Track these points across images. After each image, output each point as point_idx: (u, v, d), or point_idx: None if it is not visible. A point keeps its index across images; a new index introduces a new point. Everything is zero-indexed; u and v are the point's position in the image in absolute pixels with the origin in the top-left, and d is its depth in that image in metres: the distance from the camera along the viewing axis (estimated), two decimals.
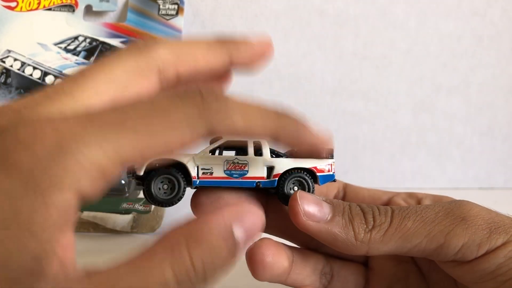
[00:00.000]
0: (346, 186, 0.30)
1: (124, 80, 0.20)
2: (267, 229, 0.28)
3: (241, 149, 0.24)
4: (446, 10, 0.49)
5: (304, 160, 0.25)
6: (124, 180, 0.43)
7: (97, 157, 0.16)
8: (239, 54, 0.23)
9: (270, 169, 0.25)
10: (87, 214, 0.40)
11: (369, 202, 0.27)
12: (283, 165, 0.25)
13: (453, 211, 0.23)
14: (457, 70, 0.51)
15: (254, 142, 0.24)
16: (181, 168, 0.23)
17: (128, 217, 0.41)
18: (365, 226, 0.23)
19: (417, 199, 0.29)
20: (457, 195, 0.30)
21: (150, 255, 0.17)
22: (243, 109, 0.19)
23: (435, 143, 0.53)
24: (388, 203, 0.29)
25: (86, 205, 0.18)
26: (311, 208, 0.23)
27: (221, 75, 0.25)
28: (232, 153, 0.25)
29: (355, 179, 0.53)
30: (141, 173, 0.23)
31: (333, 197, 0.30)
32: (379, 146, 0.53)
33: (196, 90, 0.18)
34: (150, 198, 0.23)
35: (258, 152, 0.25)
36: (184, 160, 0.23)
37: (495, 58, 0.51)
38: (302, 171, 0.25)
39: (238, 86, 0.53)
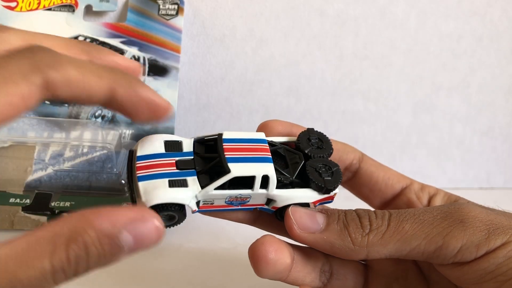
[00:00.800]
0: (361, 159, 0.30)
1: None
2: (268, 228, 0.28)
3: (247, 183, 0.23)
4: (446, 10, 0.49)
5: (306, 192, 0.25)
6: (123, 180, 0.43)
7: None
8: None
9: (271, 199, 0.24)
10: None
11: (380, 189, 0.27)
12: (284, 200, 0.24)
13: (452, 214, 0.23)
14: (457, 70, 0.51)
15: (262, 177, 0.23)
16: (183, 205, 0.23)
17: None
18: (361, 230, 0.23)
19: (429, 194, 0.29)
20: (457, 195, 0.30)
21: (34, 240, 0.18)
22: (77, 63, 0.20)
23: (435, 143, 0.53)
24: (399, 194, 0.29)
25: None
26: (303, 220, 0.23)
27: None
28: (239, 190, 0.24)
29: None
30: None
31: (346, 167, 0.30)
32: (379, 146, 0.53)
33: (27, 46, 0.19)
34: None
35: (264, 184, 0.24)
36: (186, 200, 0.23)
37: (495, 58, 0.51)
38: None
39: (238, 86, 0.53)
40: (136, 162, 0.23)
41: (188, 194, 0.23)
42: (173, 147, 0.24)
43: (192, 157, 0.24)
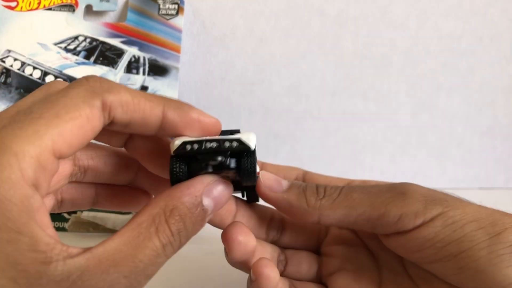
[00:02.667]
0: (305, 174, 0.33)
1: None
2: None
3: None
4: (446, 10, 0.49)
5: None
6: None
7: (31, 151, 0.18)
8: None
9: None
10: (87, 214, 0.40)
11: None
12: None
13: (395, 188, 0.26)
14: (457, 70, 0.51)
15: None
16: None
17: (128, 217, 0.41)
18: (316, 195, 0.26)
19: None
20: (457, 195, 0.30)
21: (137, 226, 0.21)
22: (129, 89, 0.22)
23: (435, 143, 0.53)
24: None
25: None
26: (270, 182, 0.27)
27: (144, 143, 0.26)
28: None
29: (355, 178, 0.53)
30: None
31: None
32: (379, 146, 0.53)
33: (81, 78, 0.22)
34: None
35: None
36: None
37: (495, 58, 0.51)
38: None
39: (238, 86, 0.53)
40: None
41: None
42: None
43: None
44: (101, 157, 0.27)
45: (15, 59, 0.43)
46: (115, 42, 0.44)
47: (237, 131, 0.25)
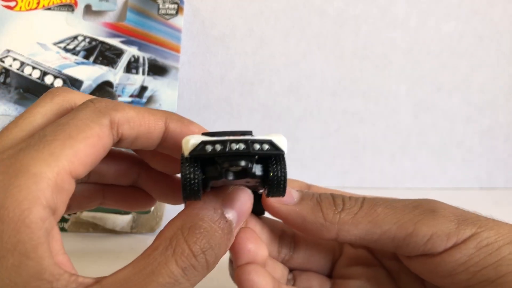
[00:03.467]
0: (309, 187, 0.30)
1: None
2: None
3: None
4: (447, 10, 0.49)
5: None
6: None
7: (48, 173, 0.18)
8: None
9: None
10: (86, 214, 0.40)
11: None
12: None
13: (422, 204, 0.23)
14: (457, 70, 0.51)
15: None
16: None
17: (127, 217, 0.41)
18: (334, 208, 0.24)
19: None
20: (458, 195, 0.30)
21: (152, 251, 0.19)
22: (133, 106, 0.22)
23: (436, 143, 0.53)
24: None
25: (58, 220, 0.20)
26: None
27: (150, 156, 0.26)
28: None
29: (355, 179, 0.53)
30: None
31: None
32: (379, 146, 0.53)
33: (86, 101, 0.22)
34: None
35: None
36: None
37: (496, 57, 0.51)
38: None
39: (238, 86, 0.53)
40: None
41: None
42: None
43: None
44: (103, 160, 0.26)
45: (15, 59, 0.43)
46: (115, 42, 0.44)
47: (250, 133, 0.21)
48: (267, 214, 0.26)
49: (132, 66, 0.44)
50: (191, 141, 0.19)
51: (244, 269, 0.23)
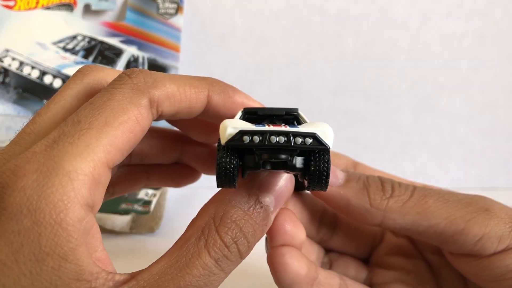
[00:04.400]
0: (356, 165, 0.29)
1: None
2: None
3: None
4: (448, 10, 0.49)
5: None
6: None
7: (84, 168, 0.17)
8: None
9: None
10: None
11: None
12: None
13: (477, 201, 0.22)
14: (458, 70, 0.51)
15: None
16: None
17: (127, 218, 0.41)
18: (382, 193, 0.22)
19: None
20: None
21: (184, 242, 0.18)
22: (174, 78, 0.20)
23: (437, 143, 0.53)
24: None
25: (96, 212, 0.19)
26: None
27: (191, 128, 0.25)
28: None
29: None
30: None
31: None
32: (380, 146, 0.52)
33: (122, 74, 0.20)
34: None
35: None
36: None
37: (496, 57, 0.51)
38: None
39: (238, 86, 0.52)
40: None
41: None
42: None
43: None
44: (145, 140, 0.25)
45: (14, 59, 0.43)
46: (114, 41, 0.44)
47: (295, 111, 0.20)
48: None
49: (131, 66, 0.43)
50: (228, 129, 0.18)
51: (279, 251, 0.22)
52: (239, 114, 0.21)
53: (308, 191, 0.25)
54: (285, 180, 0.20)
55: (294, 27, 0.48)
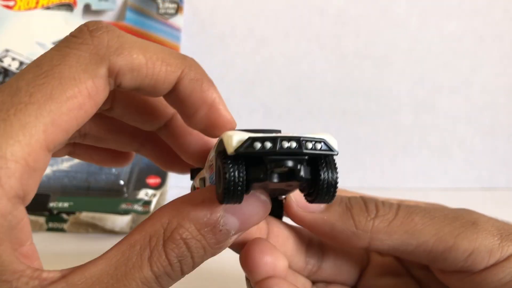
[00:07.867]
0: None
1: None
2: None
3: None
4: (448, 10, 0.49)
5: None
6: (122, 181, 0.43)
7: (17, 153, 0.15)
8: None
9: None
10: (85, 215, 0.40)
11: None
12: None
13: (463, 215, 0.21)
14: (458, 70, 0.51)
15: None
16: None
17: (127, 218, 0.41)
18: (366, 214, 0.21)
19: None
20: (459, 196, 0.29)
21: (128, 248, 0.17)
22: (143, 45, 0.17)
23: (437, 143, 0.53)
24: None
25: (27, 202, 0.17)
26: (303, 198, 0.20)
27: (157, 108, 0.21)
28: None
29: (356, 179, 0.53)
30: None
31: None
32: (380, 146, 0.52)
33: (83, 28, 0.17)
34: None
35: None
36: None
37: (496, 57, 0.51)
38: None
39: (238, 86, 0.53)
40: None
41: None
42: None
43: None
44: (101, 128, 0.22)
45: (13, 59, 0.43)
46: None
47: (278, 132, 0.18)
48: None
49: None
50: (235, 137, 0.16)
51: (265, 285, 0.20)
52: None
53: (285, 221, 0.24)
54: (254, 207, 0.18)
55: (294, 27, 0.48)
